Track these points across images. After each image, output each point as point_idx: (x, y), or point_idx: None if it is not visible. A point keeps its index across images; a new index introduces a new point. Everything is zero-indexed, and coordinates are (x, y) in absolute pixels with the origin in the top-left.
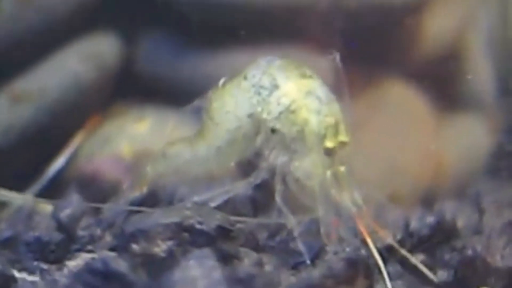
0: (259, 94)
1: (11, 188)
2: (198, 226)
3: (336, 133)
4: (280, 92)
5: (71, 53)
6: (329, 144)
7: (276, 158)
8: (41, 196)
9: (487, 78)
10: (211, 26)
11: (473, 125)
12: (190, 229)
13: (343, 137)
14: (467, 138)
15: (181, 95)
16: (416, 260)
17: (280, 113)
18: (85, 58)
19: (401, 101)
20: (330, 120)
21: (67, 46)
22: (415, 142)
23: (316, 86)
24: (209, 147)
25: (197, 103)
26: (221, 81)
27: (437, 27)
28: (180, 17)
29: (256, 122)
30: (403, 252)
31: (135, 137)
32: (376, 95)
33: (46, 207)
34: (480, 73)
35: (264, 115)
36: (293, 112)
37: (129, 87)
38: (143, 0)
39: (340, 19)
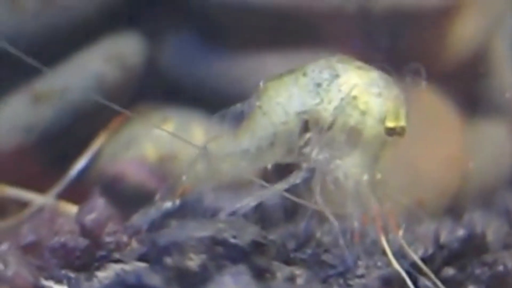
0: (319, 85)
1: (32, 188)
2: (232, 240)
3: (396, 115)
4: (341, 80)
5: (94, 53)
6: (390, 124)
7: (317, 156)
8: (63, 198)
9: None
10: (237, 28)
11: (499, 132)
12: (224, 243)
13: (402, 122)
14: (493, 146)
15: (206, 97)
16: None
17: (342, 99)
18: (109, 58)
19: (428, 107)
20: (391, 103)
21: (91, 46)
22: (442, 149)
23: (376, 74)
24: (252, 138)
25: (239, 107)
26: (262, 82)
27: (464, 33)
28: (207, 18)
29: (302, 122)
30: (427, 270)
31: (159, 139)
32: None
33: (68, 209)
34: (507, 79)
35: (324, 105)
36: (354, 97)
37: (153, 88)
38: (168, 0)
39: (368, 25)
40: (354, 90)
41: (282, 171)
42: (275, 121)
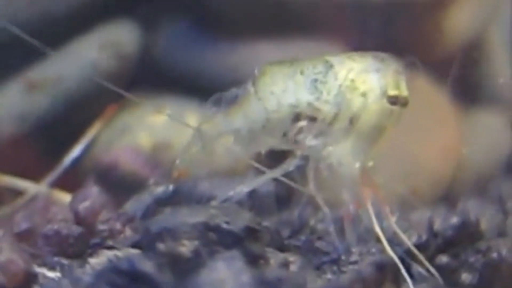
0: (316, 80)
1: (26, 177)
2: (225, 226)
3: (397, 85)
4: (336, 69)
5: (89, 41)
6: (391, 92)
7: (310, 143)
8: (57, 186)
9: (509, 74)
10: (232, 17)
11: (494, 121)
12: (217, 229)
13: (404, 92)
14: (488, 134)
15: (201, 85)
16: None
17: (340, 86)
18: (104, 46)
19: (423, 96)
20: (390, 75)
21: (86, 34)
22: (436, 137)
23: (370, 57)
24: (245, 120)
25: (234, 92)
26: (256, 70)
27: (459, 22)
28: (202, 7)
29: (294, 113)
30: (420, 256)
31: (153, 128)
32: None
33: (62, 197)
34: (502, 69)
35: (324, 97)
36: (352, 80)
37: (148, 77)
38: None
39: (363, 13)
40: (351, 73)
41: (276, 157)
42: (268, 108)
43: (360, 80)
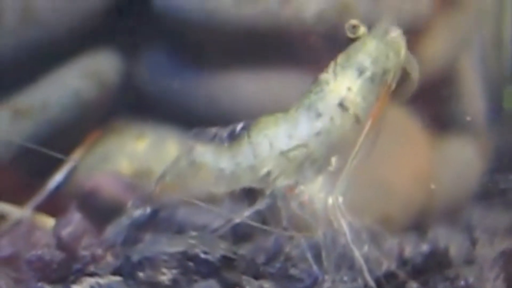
0: (314, 103)
1: (10, 201)
2: (202, 256)
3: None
4: (323, 73)
5: (72, 70)
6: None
7: (282, 183)
8: (40, 211)
9: (480, 101)
10: (212, 47)
11: (465, 147)
12: (194, 258)
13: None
14: (459, 163)
15: (181, 113)
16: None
17: (335, 67)
18: (86, 74)
19: (394, 123)
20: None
21: (69, 62)
22: (408, 165)
23: None
24: (230, 161)
25: (214, 130)
26: (239, 127)
27: (431, 50)
28: (181, 37)
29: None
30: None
31: (134, 155)
32: None
33: (45, 222)
34: (473, 96)
35: (323, 104)
36: (342, 56)
37: (129, 104)
38: (144, 19)
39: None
40: (339, 59)
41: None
42: (258, 154)
43: (352, 52)
